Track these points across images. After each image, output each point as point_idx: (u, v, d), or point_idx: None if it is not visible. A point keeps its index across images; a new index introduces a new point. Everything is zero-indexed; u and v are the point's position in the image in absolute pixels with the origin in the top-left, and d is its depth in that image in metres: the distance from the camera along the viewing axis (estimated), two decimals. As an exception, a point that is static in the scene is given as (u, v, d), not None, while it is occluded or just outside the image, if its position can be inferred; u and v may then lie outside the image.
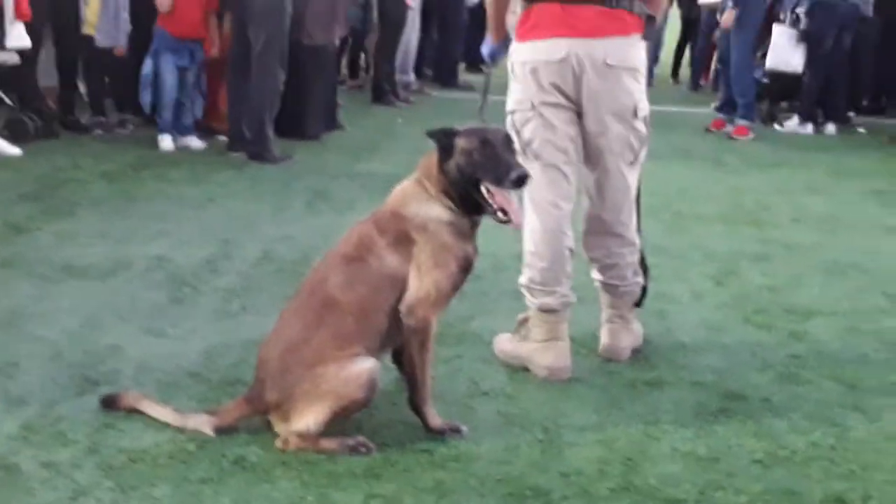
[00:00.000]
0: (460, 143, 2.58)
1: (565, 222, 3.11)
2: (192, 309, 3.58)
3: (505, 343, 3.23)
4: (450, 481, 2.43)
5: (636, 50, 3.07)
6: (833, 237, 5.11)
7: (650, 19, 3.09)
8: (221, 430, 2.57)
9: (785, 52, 8.54)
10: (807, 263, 4.56)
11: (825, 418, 2.87)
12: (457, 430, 2.67)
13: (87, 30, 6.55)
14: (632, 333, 3.30)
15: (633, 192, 3.18)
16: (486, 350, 3.26)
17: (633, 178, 3.16)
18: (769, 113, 9.31)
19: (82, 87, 7.15)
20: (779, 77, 8.78)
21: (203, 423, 2.57)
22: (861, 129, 9.13)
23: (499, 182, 2.55)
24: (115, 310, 3.49)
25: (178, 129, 6.49)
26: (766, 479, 2.51)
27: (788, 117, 9.05)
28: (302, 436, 2.51)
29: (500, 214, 2.58)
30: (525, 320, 3.20)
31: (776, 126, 9.02)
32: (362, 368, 2.52)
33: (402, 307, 2.58)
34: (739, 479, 2.50)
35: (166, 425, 2.59)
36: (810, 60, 8.53)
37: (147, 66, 6.29)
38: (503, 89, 3.20)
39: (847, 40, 8.58)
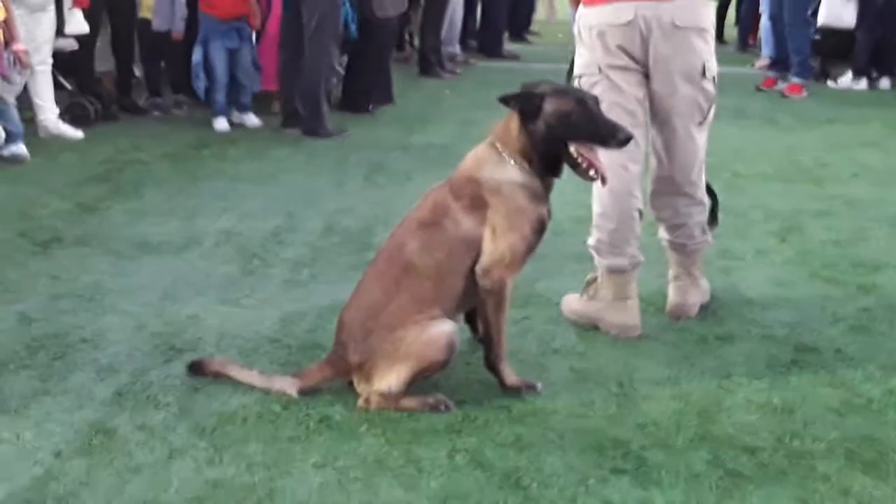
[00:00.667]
0: (552, 104, 2.60)
1: (634, 184, 3.13)
2: (263, 279, 3.67)
3: (573, 303, 3.27)
4: (529, 435, 2.49)
5: (705, 9, 3.06)
6: (894, 191, 5.06)
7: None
8: (305, 392, 2.65)
9: (837, 8, 8.41)
10: (869, 218, 4.53)
11: (899, 367, 2.88)
12: (532, 387, 2.73)
13: (143, 13, 6.67)
14: (699, 290, 3.32)
15: (702, 153, 3.19)
16: (554, 311, 3.31)
17: (701, 138, 3.16)
18: (822, 70, 9.17)
19: (138, 71, 7.28)
20: (831, 33, 8.65)
21: (288, 385, 2.65)
22: (916, 84, 8.96)
23: (604, 142, 2.61)
24: (191, 282, 3.60)
25: (236, 107, 6.59)
26: (844, 427, 2.53)
27: (842, 74, 8.91)
28: (384, 395, 2.58)
29: (591, 173, 2.63)
30: (593, 280, 3.24)
31: (829, 83, 8.89)
32: (442, 331, 2.58)
33: (478, 269, 2.63)
34: (816, 428, 2.53)
35: (251, 389, 2.68)
36: (862, 16, 8.39)
37: (197, 54, 6.38)
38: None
39: (900, -6, 8.43)
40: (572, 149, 2.61)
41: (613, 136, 2.59)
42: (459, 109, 7.46)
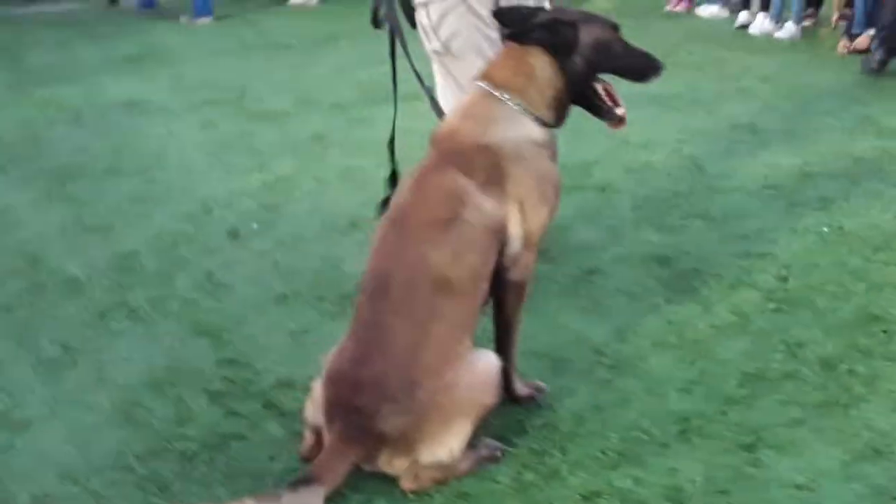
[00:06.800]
0: (589, 33, 2.09)
1: None
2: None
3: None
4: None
5: None
6: None
7: None
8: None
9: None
10: None
11: None
12: (542, 389, 2.30)
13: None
14: None
15: None
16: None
17: None
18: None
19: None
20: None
21: (312, 496, 1.85)
22: None
23: (643, 75, 2.14)
24: None
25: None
26: None
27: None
28: (442, 466, 1.96)
29: (619, 111, 2.16)
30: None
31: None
32: (489, 364, 2.01)
33: (507, 259, 2.06)
34: None
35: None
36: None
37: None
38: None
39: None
40: (599, 87, 2.14)
41: (653, 67, 2.14)
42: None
